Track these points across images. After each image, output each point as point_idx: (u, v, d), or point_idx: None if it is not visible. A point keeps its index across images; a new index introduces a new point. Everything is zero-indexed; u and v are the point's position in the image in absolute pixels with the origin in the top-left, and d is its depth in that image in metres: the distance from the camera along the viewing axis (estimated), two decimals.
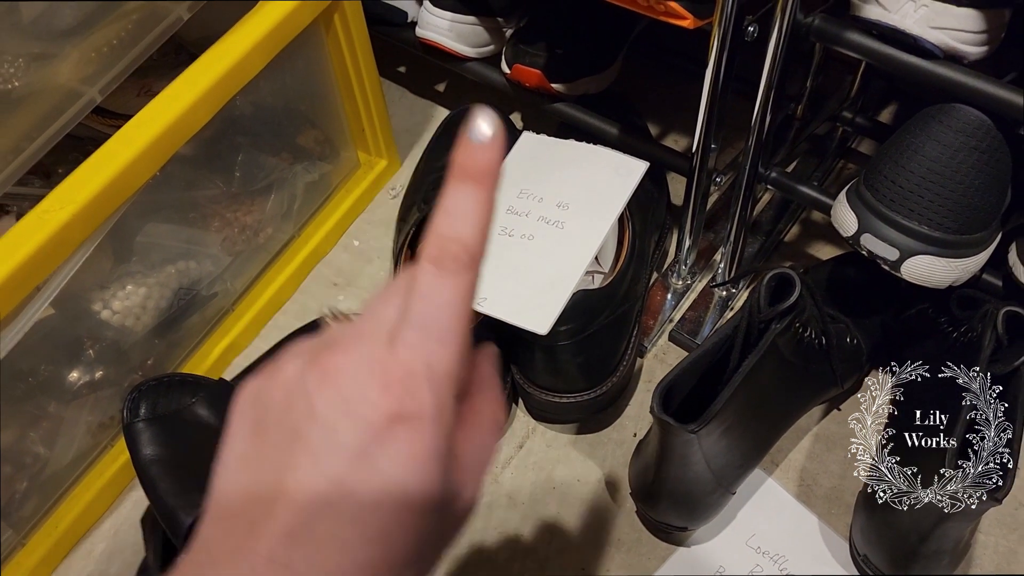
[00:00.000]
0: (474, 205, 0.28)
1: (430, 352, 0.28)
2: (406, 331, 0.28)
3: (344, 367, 0.28)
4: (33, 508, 0.66)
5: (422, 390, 0.27)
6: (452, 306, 0.28)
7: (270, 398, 0.29)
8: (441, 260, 0.28)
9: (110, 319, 0.68)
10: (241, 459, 0.29)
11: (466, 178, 0.28)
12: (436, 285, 0.28)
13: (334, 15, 0.73)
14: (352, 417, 0.27)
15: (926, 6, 0.53)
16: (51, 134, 0.59)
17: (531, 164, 0.69)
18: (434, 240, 0.28)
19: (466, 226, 0.28)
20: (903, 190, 0.57)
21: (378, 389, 0.27)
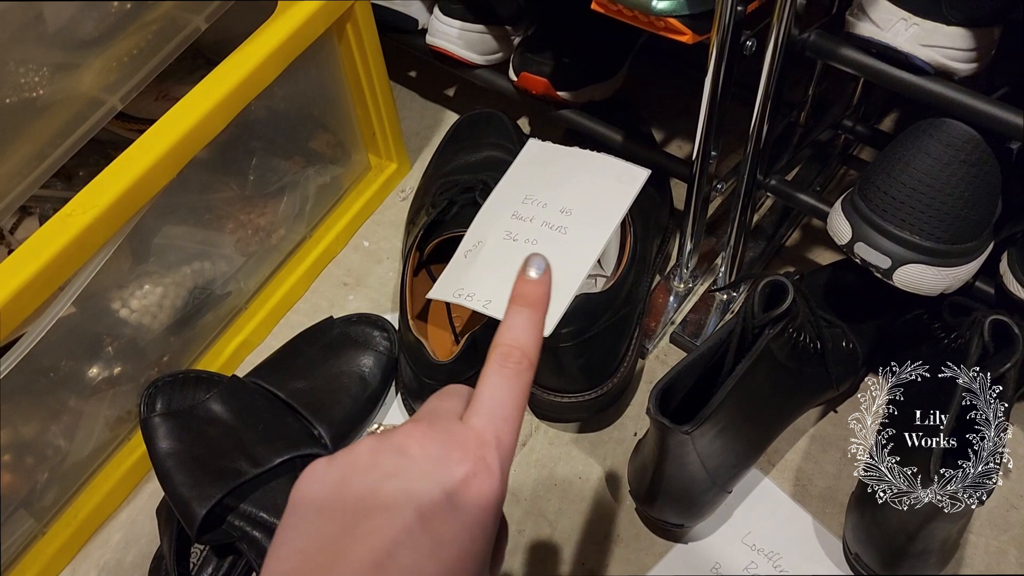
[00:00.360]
0: (529, 323, 0.38)
1: (497, 428, 0.35)
2: (476, 412, 0.36)
3: (422, 437, 0.35)
4: (53, 498, 0.69)
5: (492, 454, 0.35)
6: (514, 397, 0.36)
7: (350, 463, 0.35)
8: (505, 362, 0.37)
9: (128, 317, 0.70)
10: (321, 508, 0.34)
11: (524, 303, 0.39)
12: (501, 378, 0.36)
13: (347, 23, 0.75)
14: (436, 471, 0.34)
15: (917, 25, 0.54)
16: (74, 140, 0.62)
17: (536, 170, 0.70)
18: (500, 347, 0.37)
19: (526, 337, 0.38)
20: (895, 201, 0.58)
21: (458, 451, 0.34)
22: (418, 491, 0.33)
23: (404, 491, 0.33)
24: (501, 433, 0.35)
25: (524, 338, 0.38)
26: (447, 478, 0.34)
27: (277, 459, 0.65)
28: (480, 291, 0.62)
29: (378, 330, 0.77)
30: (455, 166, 0.83)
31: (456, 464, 0.34)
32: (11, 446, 0.64)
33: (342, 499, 0.34)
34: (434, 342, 0.73)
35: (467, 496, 0.34)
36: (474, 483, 0.34)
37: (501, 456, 0.35)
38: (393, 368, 0.76)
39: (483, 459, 0.34)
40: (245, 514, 0.65)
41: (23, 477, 0.66)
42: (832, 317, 0.70)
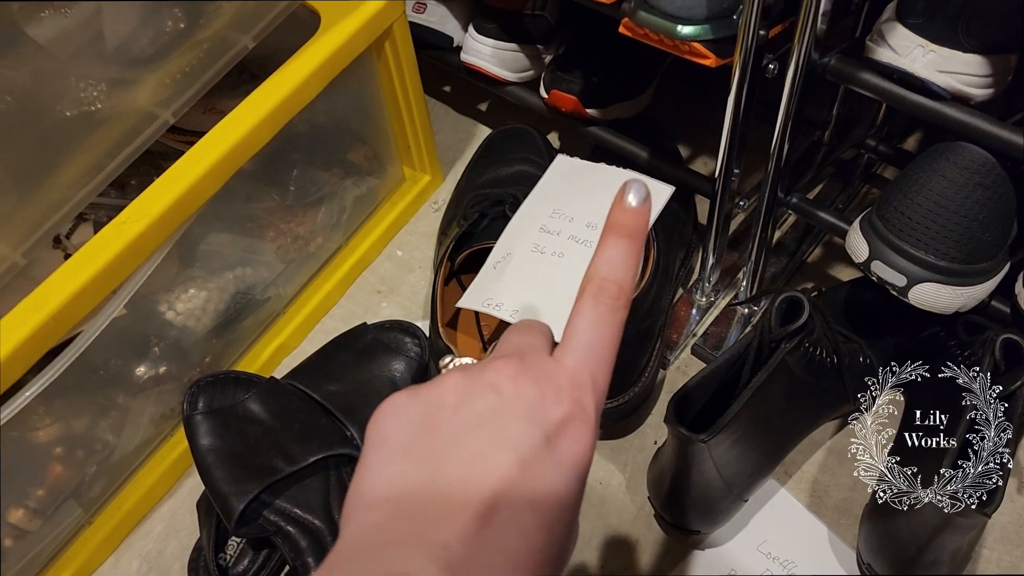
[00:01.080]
0: (627, 256, 0.35)
1: (593, 368, 0.33)
2: (570, 350, 0.33)
3: (516, 375, 0.32)
4: (100, 489, 0.73)
5: (588, 397, 0.32)
6: (609, 336, 0.34)
7: (436, 400, 0.32)
8: (600, 296, 0.34)
9: (174, 319, 0.73)
10: (407, 450, 0.31)
11: (622, 234, 0.35)
12: (595, 316, 0.34)
13: (385, 42, 0.79)
14: (534, 413, 0.31)
15: (934, 52, 0.56)
16: (129, 153, 0.65)
17: (564, 185, 0.73)
18: (595, 280, 0.34)
19: (622, 271, 0.35)
20: (911, 221, 0.60)
21: (554, 393, 0.32)
22: (516, 436, 0.30)
23: (502, 436, 0.31)
24: (596, 374, 0.33)
25: (620, 272, 0.34)
26: (545, 421, 0.31)
27: (311, 458, 0.68)
28: (507, 301, 0.65)
29: (409, 337, 0.80)
30: (486, 179, 0.86)
31: (553, 405, 0.31)
32: (63, 439, 0.68)
33: (431, 441, 0.31)
34: (463, 349, 0.76)
35: (565, 442, 0.31)
36: (571, 427, 0.31)
37: (596, 399, 0.33)
38: (423, 373, 0.79)
39: (579, 401, 0.32)
40: (280, 510, 0.68)
41: (73, 469, 0.69)
42: (850, 332, 0.71)
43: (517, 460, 0.30)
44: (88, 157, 0.64)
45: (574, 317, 0.34)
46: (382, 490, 0.30)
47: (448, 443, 0.31)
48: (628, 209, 0.35)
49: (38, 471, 0.67)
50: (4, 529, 0.66)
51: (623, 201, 0.36)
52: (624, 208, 0.35)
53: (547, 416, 0.31)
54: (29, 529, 0.67)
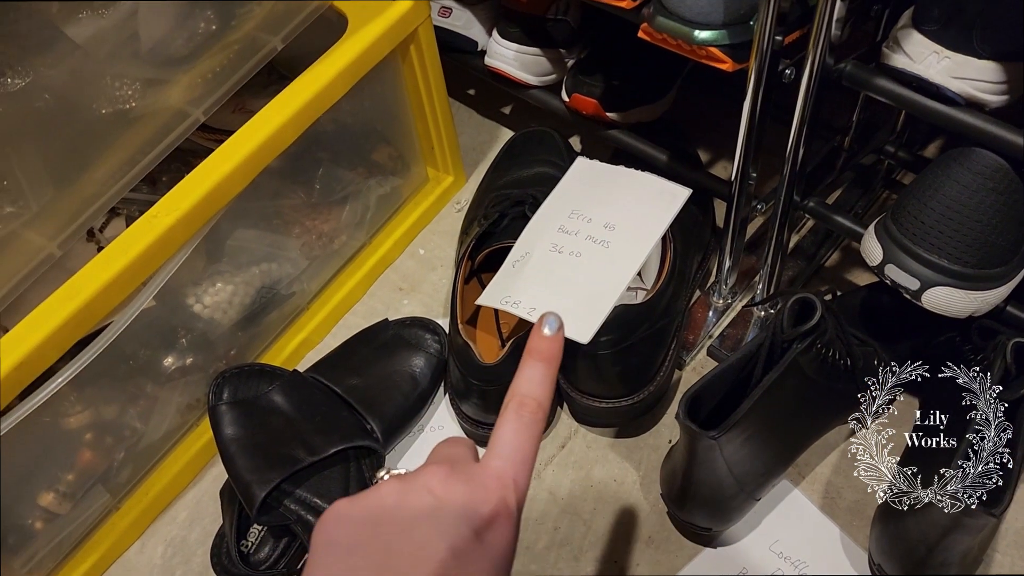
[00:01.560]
0: (544, 377, 0.41)
1: (515, 471, 0.39)
2: (495, 455, 0.39)
3: (446, 478, 0.37)
4: (128, 476, 0.75)
5: (511, 495, 0.38)
6: (529, 441, 0.40)
7: (376, 503, 0.37)
8: (521, 410, 0.40)
9: (201, 312, 0.76)
10: (355, 546, 0.36)
11: (540, 358, 0.42)
12: (517, 425, 0.40)
13: (411, 44, 0.80)
14: (464, 510, 0.36)
15: (948, 58, 0.57)
16: (161, 149, 0.67)
17: (583, 187, 0.74)
18: (516, 396, 0.40)
19: (539, 389, 0.41)
20: (925, 226, 0.61)
21: (482, 492, 0.37)
22: (450, 530, 0.35)
23: (437, 530, 0.35)
24: (518, 475, 0.38)
25: (539, 390, 0.41)
26: (475, 517, 0.36)
27: (332, 449, 0.70)
28: (526, 299, 0.66)
29: (430, 333, 0.81)
30: (507, 180, 0.87)
31: (481, 504, 0.36)
32: (93, 426, 0.70)
33: (374, 539, 0.35)
34: (482, 346, 0.77)
35: (492, 535, 0.36)
36: (497, 522, 0.36)
37: (518, 497, 0.38)
38: (443, 369, 0.80)
39: (503, 500, 0.37)
40: (300, 499, 0.70)
41: (102, 455, 0.72)
42: (864, 336, 0.72)
43: (451, 550, 0.35)
44: (122, 153, 0.66)
45: (498, 427, 0.40)
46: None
47: (391, 538, 0.35)
48: (544, 337, 0.42)
49: (69, 456, 0.70)
50: (35, 512, 0.68)
51: (540, 330, 0.42)
52: (541, 336, 0.42)
53: (476, 513, 0.36)
54: (59, 512, 0.69)
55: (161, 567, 0.74)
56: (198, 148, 0.83)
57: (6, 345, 0.60)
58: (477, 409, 0.74)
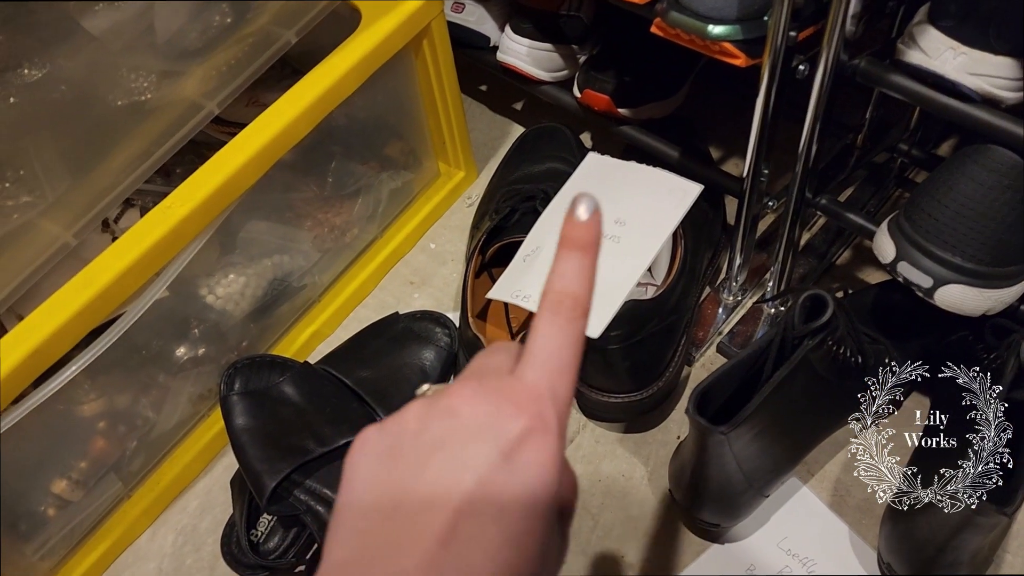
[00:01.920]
0: (580, 268, 0.35)
1: (552, 380, 0.33)
2: (529, 364, 0.33)
3: (472, 396, 0.32)
4: (140, 464, 0.75)
5: (548, 409, 0.32)
6: (568, 346, 0.34)
7: (398, 430, 0.33)
8: (556, 309, 0.34)
9: (214, 303, 0.76)
10: (373, 483, 0.32)
11: (574, 247, 0.35)
12: (553, 326, 0.34)
13: (424, 40, 0.81)
14: (490, 431, 0.31)
15: (965, 54, 0.57)
16: (176, 141, 0.68)
17: (594, 182, 0.74)
18: (550, 294, 0.34)
19: (575, 283, 0.35)
20: (938, 223, 0.61)
21: (511, 408, 0.32)
22: (473, 455, 0.31)
23: (458, 458, 0.31)
24: (556, 385, 0.33)
25: (575, 285, 0.35)
26: (502, 437, 0.31)
27: (341, 440, 0.70)
28: (536, 293, 0.66)
29: (440, 327, 0.82)
30: (518, 176, 0.87)
31: (510, 420, 0.31)
32: (106, 414, 0.71)
33: (394, 469, 0.32)
34: (491, 339, 0.77)
35: (525, 454, 0.31)
36: (531, 440, 0.31)
37: (558, 409, 0.33)
38: (452, 363, 0.81)
39: (539, 414, 0.32)
40: (310, 489, 0.70)
41: (115, 443, 0.72)
42: (876, 334, 0.72)
43: (475, 479, 0.30)
44: (137, 144, 0.67)
45: (532, 332, 0.34)
46: (351, 524, 0.32)
47: (410, 469, 0.32)
48: (578, 223, 0.35)
49: (82, 444, 0.70)
50: (48, 498, 0.69)
51: (573, 215, 0.36)
52: (574, 222, 0.36)
53: (503, 432, 0.31)
54: (71, 499, 0.70)
55: (172, 555, 0.75)
56: (212, 141, 0.84)
57: (21, 333, 0.60)
58: None
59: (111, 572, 0.74)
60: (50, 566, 0.71)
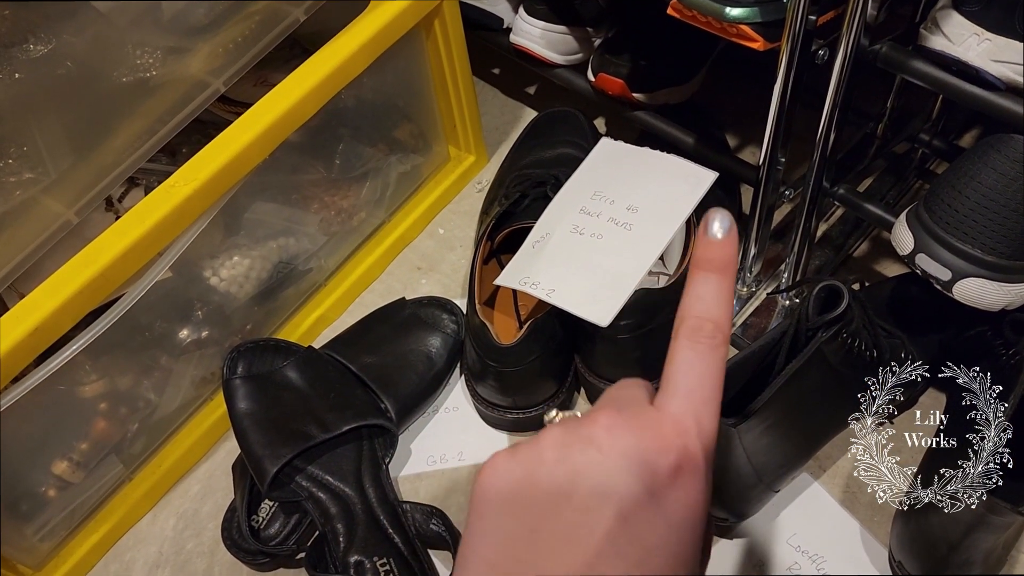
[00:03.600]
0: (719, 291, 0.33)
1: (698, 411, 0.31)
2: (672, 394, 0.32)
3: (614, 426, 0.31)
4: (141, 447, 0.75)
5: (695, 444, 0.31)
6: (712, 375, 0.32)
7: (534, 459, 0.31)
8: (697, 336, 0.33)
9: (218, 285, 0.75)
10: (505, 521, 0.31)
11: (711, 268, 0.34)
12: (694, 355, 0.32)
13: (435, 20, 0.79)
14: (636, 465, 0.29)
15: (989, 40, 0.55)
16: (181, 119, 0.67)
17: (607, 168, 0.73)
18: (689, 320, 0.33)
19: (716, 308, 0.33)
20: (958, 214, 0.59)
21: (657, 442, 0.30)
22: (617, 489, 0.29)
23: (601, 489, 0.29)
24: (702, 417, 0.31)
25: (714, 309, 0.33)
26: (648, 473, 0.29)
27: (345, 426, 0.70)
28: (544, 280, 0.65)
29: (447, 313, 0.81)
30: (529, 161, 0.86)
31: (657, 455, 0.30)
32: (108, 395, 0.70)
33: (530, 500, 0.30)
34: (499, 327, 0.76)
35: (673, 493, 0.29)
36: (680, 478, 0.30)
37: (704, 444, 0.31)
38: (459, 350, 0.80)
39: (686, 448, 0.30)
40: (312, 476, 0.69)
41: (116, 425, 0.71)
42: (892, 327, 0.70)
43: (619, 516, 0.29)
44: (141, 122, 0.66)
45: (671, 360, 0.32)
46: (482, 553, 0.30)
47: (548, 500, 0.30)
48: (714, 242, 0.34)
49: (83, 425, 0.70)
50: (49, 480, 0.69)
51: (707, 233, 0.34)
52: (709, 241, 0.34)
53: (651, 467, 0.30)
54: (72, 481, 0.69)
55: (172, 539, 0.74)
56: (219, 120, 0.83)
57: (22, 311, 0.59)
58: (493, 391, 0.73)
59: (112, 554, 0.74)
60: (51, 547, 0.71)
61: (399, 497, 0.71)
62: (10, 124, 0.62)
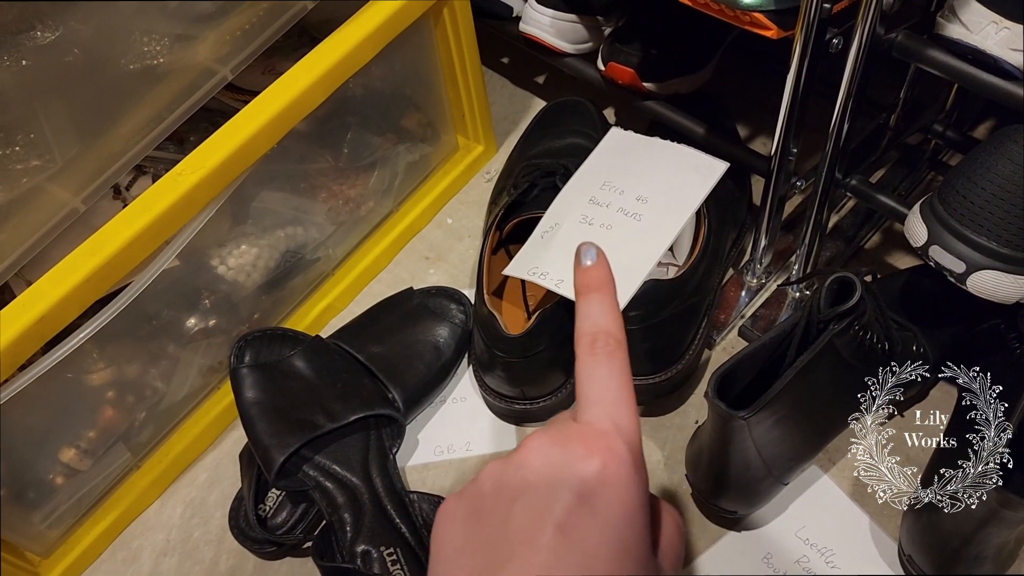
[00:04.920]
0: (604, 305, 0.37)
1: (612, 414, 0.33)
2: (585, 408, 0.34)
3: (540, 446, 0.33)
4: (149, 435, 0.75)
5: (616, 441, 0.32)
6: (614, 377, 0.34)
7: (476, 493, 0.34)
8: (592, 349, 0.35)
9: (225, 274, 0.75)
10: (461, 549, 0.33)
11: (591, 290, 0.37)
12: (595, 366, 0.35)
13: (443, 8, 0.79)
14: (564, 476, 0.31)
15: (1007, 28, 0.54)
16: (188, 106, 0.66)
17: (616, 158, 0.72)
18: (585, 336, 0.36)
19: (605, 319, 0.36)
20: (974, 206, 0.58)
21: (581, 450, 0.32)
22: (550, 503, 0.31)
23: (537, 509, 0.31)
24: (617, 417, 0.33)
25: (604, 320, 0.36)
26: (575, 479, 0.31)
27: (352, 416, 0.70)
28: (553, 271, 0.65)
29: (455, 303, 0.80)
30: (539, 151, 0.85)
31: (582, 461, 0.31)
32: (115, 384, 0.70)
33: (478, 534, 0.32)
34: (507, 317, 0.76)
35: (603, 492, 0.31)
36: (607, 476, 0.31)
37: (627, 440, 0.33)
38: (467, 340, 0.79)
39: (608, 448, 0.32)
40: (319, 465, 0.69)
41: (124, 413, 0.71)
42: (904, 320, 0.69)
43: (556, 528, 0.30)
44: (148, 109, 0.66)
45: (578, 377, 0.35)
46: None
47: (493, 530, 0.32)
48: (586, 269, 0.38)
49: (91, 413, 0.70)
50: (56, 467, 0.69)
51: (579, 265, 0.38)
52: (583, 269, 0.38)
53: (578, 473, 0.31)
54: (80, 468, 0.69)
55: (179, 527, 0.74)
56: (227, 109, 0.82)
57: (29, 298, 0.59)
58: (501, 381, 0.73)
59: (119, 542, 0.74)
60: (58, 535, 0.71)
61: (406, 487, 0.71)
62: (17, 111, 0.62)
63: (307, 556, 0.70)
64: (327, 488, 0.68)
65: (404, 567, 0.65)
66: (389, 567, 0.65)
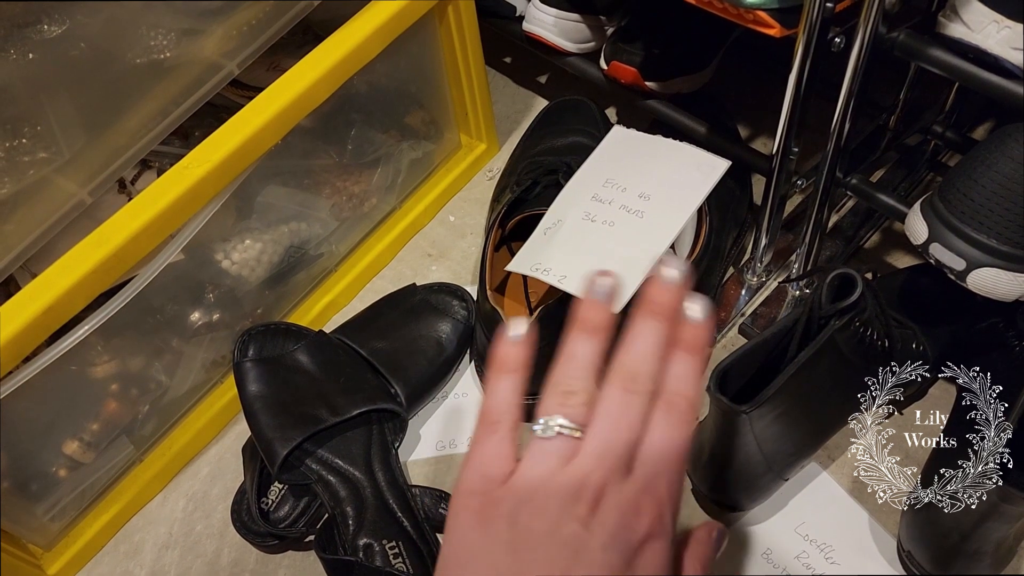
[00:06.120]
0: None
1: (670, 480, 0.37)
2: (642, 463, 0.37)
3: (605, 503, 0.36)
4: (152, 429, 0.75)
5: (667, 512, 0.36)
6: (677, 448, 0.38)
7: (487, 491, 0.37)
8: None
9: (229, 268, 0.75)
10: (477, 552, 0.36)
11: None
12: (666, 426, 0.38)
13: (448, 6, 0.79)
14: (616, 541, 0.35)
15: (1009, 28, 0.55)
16: (193, 101, 0.67)
17: (619, 156, 0.72)
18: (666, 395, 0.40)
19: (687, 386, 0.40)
20: (974, 203, 0.59)
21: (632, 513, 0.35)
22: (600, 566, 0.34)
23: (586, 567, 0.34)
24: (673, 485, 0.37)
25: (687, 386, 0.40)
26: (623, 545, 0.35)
27: (355, 410, 0.70)
28: (556, 266, 0.65)
29: (457, 299, 0.81)
30: (541, 149, 0.86)
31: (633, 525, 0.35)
32: (119, 377, 0.70)
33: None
34: (509, 313, 0.76)
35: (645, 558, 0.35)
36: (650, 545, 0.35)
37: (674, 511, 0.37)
38: (469, 336, 0.79)
39: (660, 518, 0.36)
40: (322, 459, 0.70)
41: (127, 406, 0.72)
42: (904, 318, 0.70)
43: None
44: (154, 104, 0.66)
45: (646, 430, 0.38)
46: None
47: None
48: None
49: (94, 406, 0.70)
50: (60, 459, 0.69)
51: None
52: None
53: (627, 541, 0.35)
54: (83, 461, 0.70)
55: (182, 520, 0.74)
56: (232, 104, 0.83)
57: (34, 290, 0.60)
58: None
59: (122, 535, 0.74)
60: (61, 527, 0.71)
61: (408, 481, 0.72)
62: (24, 104, 0.62)
63: (310, 549, 0.71)
64: (330, 482, 0.69)
65: (406, 560, 0.65)
66: (391, 560, 0.65)
